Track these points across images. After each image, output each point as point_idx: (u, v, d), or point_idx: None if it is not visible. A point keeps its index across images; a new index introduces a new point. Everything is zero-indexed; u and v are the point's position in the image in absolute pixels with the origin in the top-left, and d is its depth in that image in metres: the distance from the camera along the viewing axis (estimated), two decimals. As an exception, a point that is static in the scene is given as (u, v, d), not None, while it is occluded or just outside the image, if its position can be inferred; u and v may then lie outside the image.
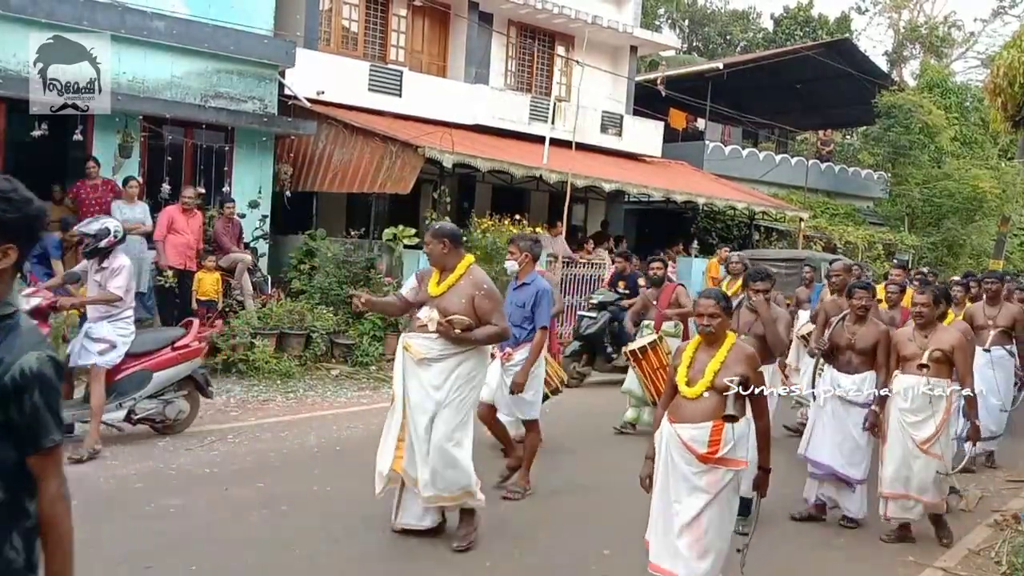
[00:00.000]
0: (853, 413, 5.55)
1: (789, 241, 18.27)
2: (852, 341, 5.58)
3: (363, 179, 11.47)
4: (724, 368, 3.80)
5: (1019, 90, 6.49)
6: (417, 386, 4.52)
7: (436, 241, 4.68)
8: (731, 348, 3.88)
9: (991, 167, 22.41)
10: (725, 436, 3.73)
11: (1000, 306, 7.57)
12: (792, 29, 33.99)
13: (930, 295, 5.28)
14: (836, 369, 5.68)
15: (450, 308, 4.49)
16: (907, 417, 5.23)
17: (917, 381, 5.19)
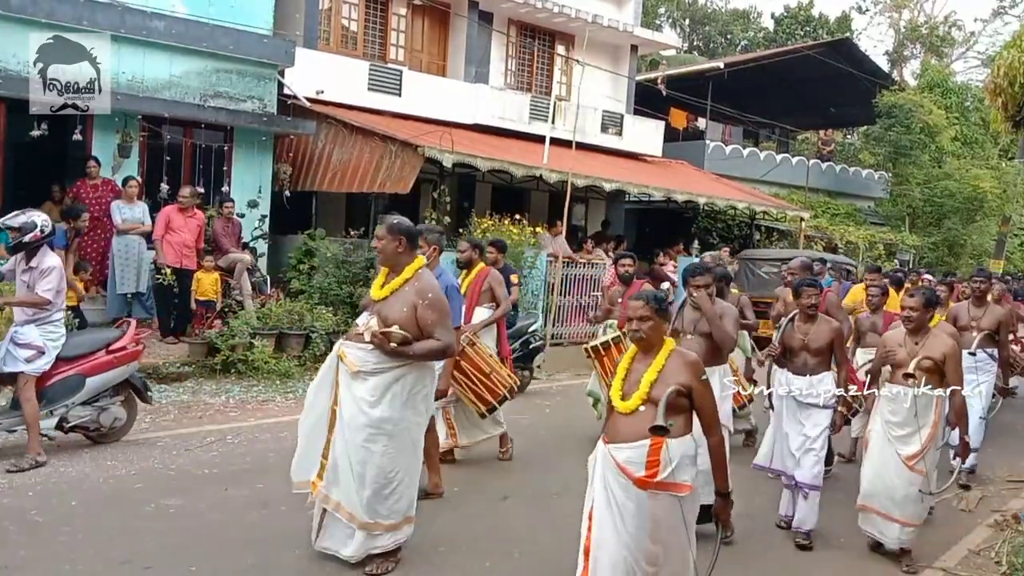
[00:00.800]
0: (814, 415, 5.24)
1: (790, 241, 18.27)
2: (805, 342, 5.32)
3: (363, 179, 11.47)
4: (662, 378, 3.39)
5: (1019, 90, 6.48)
6: (350, 401, 4.07)
7: (391, 238, 4.19)
8: (669, 355, 3.46)
9: (992, 167, 22.43)
10: (664, 456, 3.25)
11: (986, 307, 7.19)
12: (793, 28, 33.99)
13: (920, 298, 4.97)
14: (791, 372, 5.36)
15: (390, 316, 4.06)
16: (893, 430, 4.90)
17: (905, 391, 4.84)
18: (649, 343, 3.49)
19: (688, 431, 3.41)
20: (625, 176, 14.17)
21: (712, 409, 3.47)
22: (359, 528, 4.07)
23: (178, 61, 10.29)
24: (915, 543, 5.02)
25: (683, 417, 3.40)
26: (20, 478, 5.23)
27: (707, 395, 3.46)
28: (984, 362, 7.00)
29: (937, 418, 4.86)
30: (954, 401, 4.86)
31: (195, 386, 8.15)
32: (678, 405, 3.36)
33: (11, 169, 9.73)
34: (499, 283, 6.51)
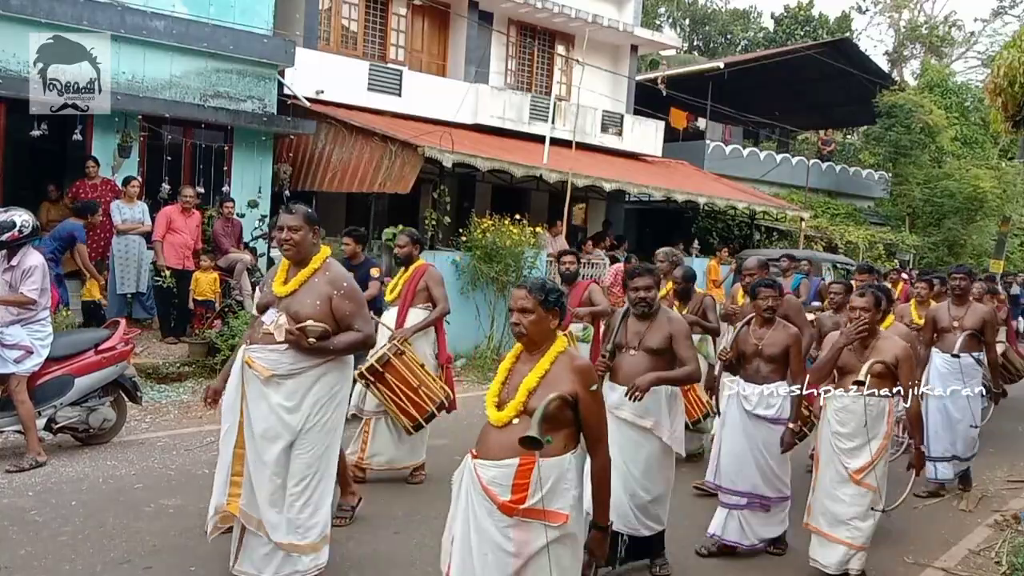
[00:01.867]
0: (763, 429, 4.85)
1: (790, 241, 18.27)
2: (759, 347, 4.90)
3: (363, 179, 11.47)
4: (544, 385, 2.87)
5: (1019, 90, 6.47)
6: (265, 410, 3.69)
7: (308, 227, 3.81)
8: (557, 358, 2.93)
9: (992, 167, 22.43)
10: (535, 479, 2.76)
11: (968, 306, 6.61)
12: (793, 28, 34.00)
13: (871, 297, 4.52)
14: (743, 379, 4.97)
15: (302, 311, 3.69)
16: (840, 442, 4.46)
17: (852, 399, 4.40)
18: (532, 341, 2.97)
19: (571, 449, 2.89)
20: (625, 176, 14.17)
21: (601, 426, 2.96)
22: (277, 547, 3.72)
23: (178, 61, 10.29)
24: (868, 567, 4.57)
25: (565, 432, 2.88)
26: (20, 478, 5.24)
27: (596, 408, 2.94)
28: (970, 366, 6.47)
29: (889, 428, 4.47)
30: (909, 408, 4.47)
31: (195, 386, 8.15)
32: (560, 418, 2.84)
33: (11, 169, 9.73)
34: (437, 282, 5.94)
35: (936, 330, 6.67)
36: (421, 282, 5.90)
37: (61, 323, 7.31)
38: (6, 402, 5.55)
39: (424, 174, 11.57)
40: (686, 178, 16.87)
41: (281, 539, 3.69)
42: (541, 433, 2.66)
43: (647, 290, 4.37)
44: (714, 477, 5.07)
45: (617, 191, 14.04)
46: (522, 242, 11.44)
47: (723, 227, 18.42)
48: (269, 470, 3.69)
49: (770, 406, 4.84)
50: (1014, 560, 5.01)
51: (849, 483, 4.42)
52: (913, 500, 6.10)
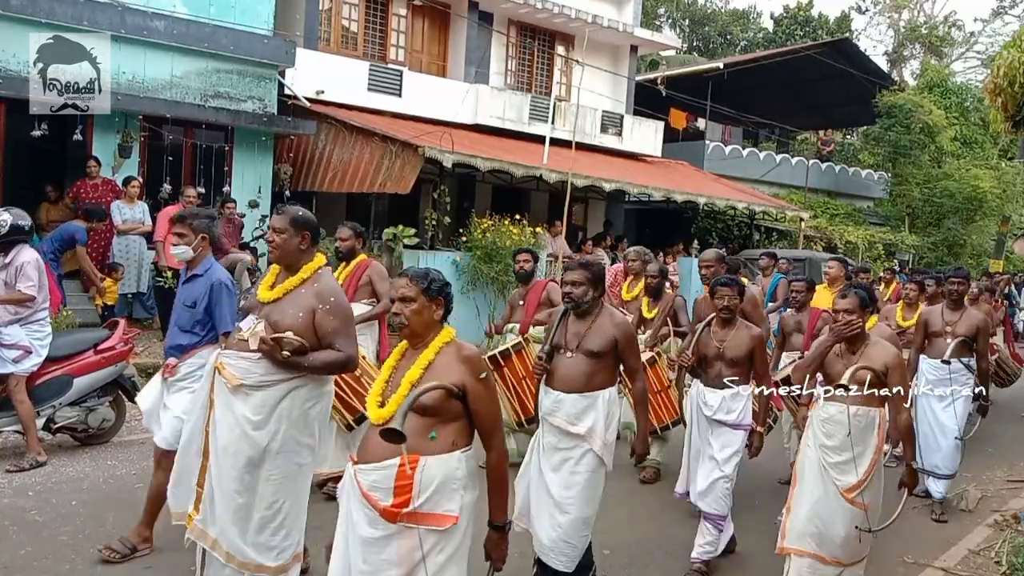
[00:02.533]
0: (724, 435, 4.58)
1: (789, 241, 18.28)
2: (720, 350, 4.62)
3: (363, 179, 11.47)
4: (429, 377, 2.70)
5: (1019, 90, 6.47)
6: (231, 421, 3.41)
7: (294, 231, 3.59)
8: (442, 348, 2.77)
9: (991, 167, 22.44)
10: (418, 479, 2.58)
11: (962, 311, 6.23)
12: (792, 29, 34.00)
13: (855, 299, 4.15)
14: (704, 384, 4.70)
15: (282, 322, 3.42)
16: (829, 456, 4.07)
17: (838, 409, 4.06)
18: (415, 333, 2.78)
19: (462, 446, 2.71)
20: (625, 176, 14.18)
21: (493, 417, 2.78)
22: (238, 568, 3.43)
23: (178, 61, 10.29)
24: None
25: (453, 427, 2.69)
26: (20, 478, 5.24)
27: (488, 398, 2.76)
28: (959, 373, 6.05)
29: (879, 441, 4.08)
30: (899, 420, 4.11)
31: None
32: (447, 411, 2.66)
33: (11, 169, 9.74)
34: (381, 277, 5.75)
35: (927, 334, 6.30)
36: (364, 276, 5.77)
37: (62, 323, 7.31)
38: (5, 402, 5.53)
39: (424, 174, 11.58)
40: (686, 178, 16.88)
41: (249, 560, 3.42)
42: (403, 424, 2.47)
43: (574, 285, 3.98)
44: (684, 485, 4.76)
45: (617, 191, 14.05)
46: (522, 242, 11.44)
47: (723, 227, 18.43)
48: (232, 487, 3.40)
49: (730, 411, 4.59)
50: (1014, 560, 5.01)
51: (841, 501, 4.03)
52: (912, 500, 6.11)
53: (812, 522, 4.07)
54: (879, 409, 4.09)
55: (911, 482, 4.17)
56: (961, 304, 6.27)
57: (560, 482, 3.91)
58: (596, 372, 3.97)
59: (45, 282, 5.52)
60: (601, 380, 3.98)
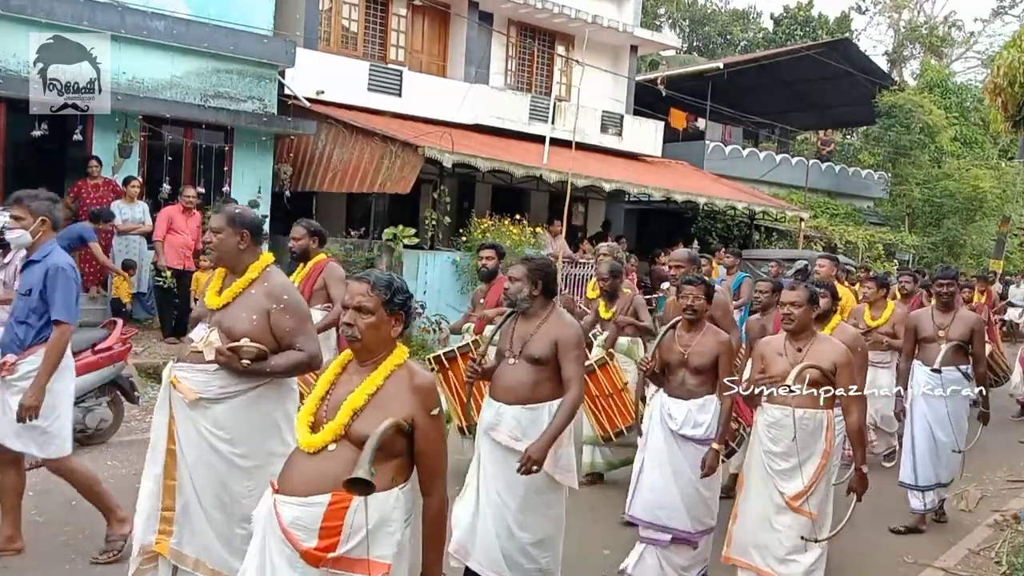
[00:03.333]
0: (689, 452, 4.14)
1: (789, 241, 18.28)
2: (685, 355, 4.20)
3: (363, 179, 11.47)
4: (375, 405, 2.35)
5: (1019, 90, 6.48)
6: (195, 435, 3.21)
7: (231, 231, 3.32)
8: (393, 372, 2.41)
9: (991, 167, 22.44)
10: (350, 521, 2.25)
11: (954, 313, 5.72)
12: (792, 29, 34.01)
13: (803, 292, 3.97)
14: (667, 393, 4.28)
15: (236, 327, 3.21)
16: (774, 462, 3.86)
17: (783, 413, 3.82)
18: (366, 349, 2.43)
19: (399, 483, 2.37)
20: (625, 176, 14.18)
21: (440, 459, 2.44)
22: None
23: (178, 61, 10.29)
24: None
25: (394, 463, 2.36)
26: (20, 478, 5.23)
27: (436, 437, 2.42)
28: (955, 382, 5.50)
29: (828, 446, 3.86)
30: (849, 422, 3.89)
31: (195, 386, 8.15)
32: (390, 445, 2.31)
33: (11, 169, 9.74)
34: (337, 280, 5.31)
35: (917, 339, 5.77)
36: (319, 280, 5.38)
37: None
38: None
39: (424, 174, 11.58)
40: (686, 178, 16.89)
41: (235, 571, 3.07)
42: (370, 471, 2.12)
43: (512, 281, 3.70)
44: (630, 507, 4.29)
45: (617, 191, 14.05)
46: (522, 242, 11.45)
47: (723, 227, 18.43)
48: (210, 502, 3.21)
49: (698, 425, 4.13)
50: (1014, 560, 5.01)
51: (786, 511, 3.81)
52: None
53: (755, 533, 3.88)
54: (827, 411, 3.86)
55: (860, 487, 3.89)
56: (952, 306, 5.77)
57: (513, 504, 3.60)
58: (541, 381, 3.64)
59: None
60: (548, 390, 3.64)
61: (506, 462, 3.62)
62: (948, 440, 5.62)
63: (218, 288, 3.39)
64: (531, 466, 3.48)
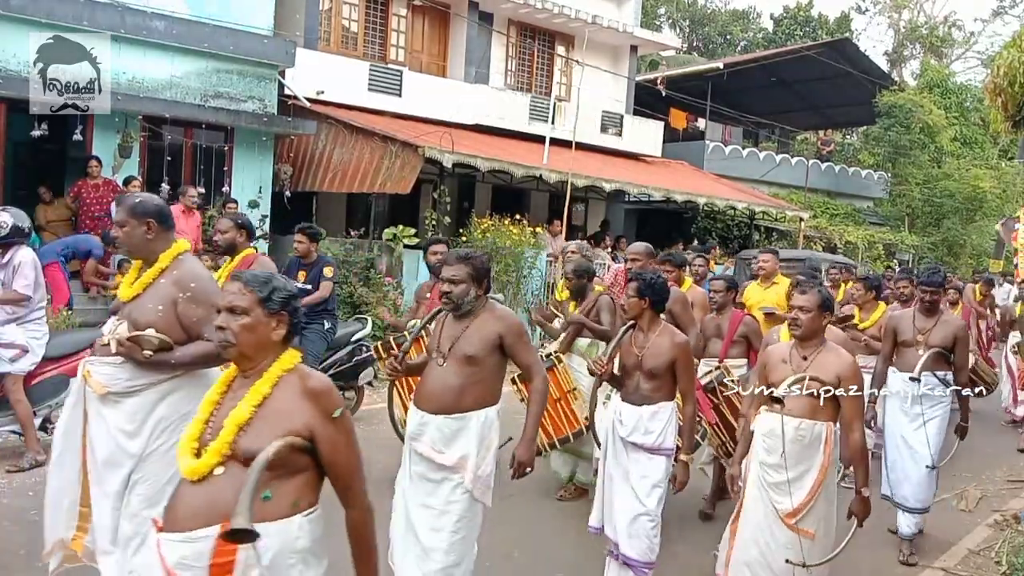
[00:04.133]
0: (641, 463, 3.86)
1: (789, 241, 18.28)
2: (640, 358, 3.90)
3: (363, 179, 11.48)
4: (263, 417, 2.09)
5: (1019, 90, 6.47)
6: (104, 433, 3.09)
7: (136, 222, 3.20)
8: (280, 379, 2.15)
9: (991, 167, 22.46)
10: (243, 556, 1.98)
11: (937, 317, 5.26)
12: (792, 29, 34.03)
13: (815, 296, 3.64)
14: (622, 398, 4.00)
15: (142, 319, 3.08)
16: (769, 474, 3.59)
17: (783, 421, 3.57)
18: (244, 355, 2.17)
19: (306, 506, 2.11)
20: (625, 176, 14.19)
21: (351, 467, 2.18)
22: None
23: (178, 61, 10.29)
24: None
25: (296, 482, 2.10)
26: (20, 478, 5.23)
27: (344, 442, 2.15)
28: (934, 390, 5.11)
29: (827, 460, 3.58)
30: (851, 439, 3.61)
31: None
32: (288, 463, 2.07)
33: (11, 169, 9.74)
34: None
35: (896, 343, 5.34)
36: None
37: (61, 323, 7.31)
38: (3, 402, 5.51)
39: (424, 174, 11.58)
40: (686, 178, 16.89)
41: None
42: (247, 513, 1.84)
43: (453, 283, 3.35)
44: (599, 520, 4.01)
45: (617, 191, 14.05)
46: (522, 242, 11.45)
47: (722, 227, 18.44)
48: (110, 503, 3.08)
49: (648, 432, 3.84)
50: (1014, 560, 5.01)
51: (782, 527, 3.54)
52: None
53: (749, 550, 3.60)
54: (827, 423, 3.57)
55: (861, 512, 3.62)
56: (936, 309, 5.31)
57: (426, 523, 3.30)
58: (470, 385, 3.34)
59: (42, 281, 5.50)
60: (477, 396, 3.35)
61: (426, 476, 3.36)
62: (923, 454, 5.07)
63: (131, 279, 3.28)
64: (523, 471, 3.40)
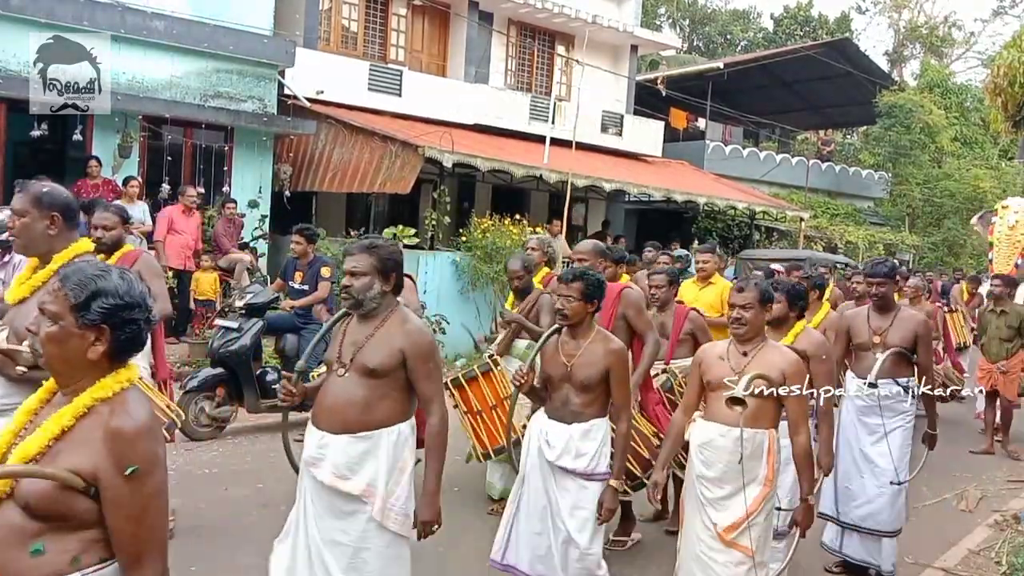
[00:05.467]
0: (572, 492, 3.38)
1: (790, 241, 18.28)
2: (569, 368, 3.40)
3: (363, 179, 11.48)
4: (55, 453, 1.72)
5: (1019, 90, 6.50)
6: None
7: (39, 213, 2.84)
8: (92, 408, 1.75)
9: (991, 167, 22.47)
10: None
11: (894, 313, 4.62)
12: (792, 29, 34.03)
13: (752, 292, 3.36)
14: (548, 415, 3.51)
15: (23, 328, 2.58)
16: (707, 489, 3.29)
17: (719, 432, 3.26)
18: (54, 371, 1.81)
19: (90, 563, 1.75)
20: (625, 176, 14.18)
21: (139, 543, 1.82)
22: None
23: (178, 61, 10.30)
24: None
25: (79, 537, 1.74)
26: (20, 478, 5.23)
27: (131, 510, 1.75)
28: (894, 399, 4.54)
29: (770, 472, 3.27)
30: (796, 443, 3.32)
31: (195, 386, 8.14)
32: (66, 510, 1.70)
33: (11, 169, 9.74)
34: (154, 275, 4.33)
35: (850, 345, 4.76)
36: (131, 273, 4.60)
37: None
38: None
39: (424, 174, 11.58)
40: (686, 178, 16.89)
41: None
42: (36, 547, 1.61)
43: (354, 276, 2.89)
44: (502, 555, 3.53)
45: (617, 191, 14.05)
46: (522, 242, 11.44)
47: (723, 227, 18.43)
48: None
49: (580, 455, 3.36)
50: (1014, 560, 5.01)
51: (720, 544, 3.24)
52: (914, 500, 6.11)
53: (689, 567, 3.32)
54: (769, 431, 3.30)
55: (806, 521, 3.37)
56: (891, 305, 4.68)
57: (340, 564, 2.85)
58: (375, 400, 2.86)
59: None
60: (385, 411, 2.87)
61: (331, 507, 2.88)
62: (886, 469, 4.52)
63: (22, 278, 2.93)
64: (429, 530, 2.95)
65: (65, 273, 1.79)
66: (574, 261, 4.74)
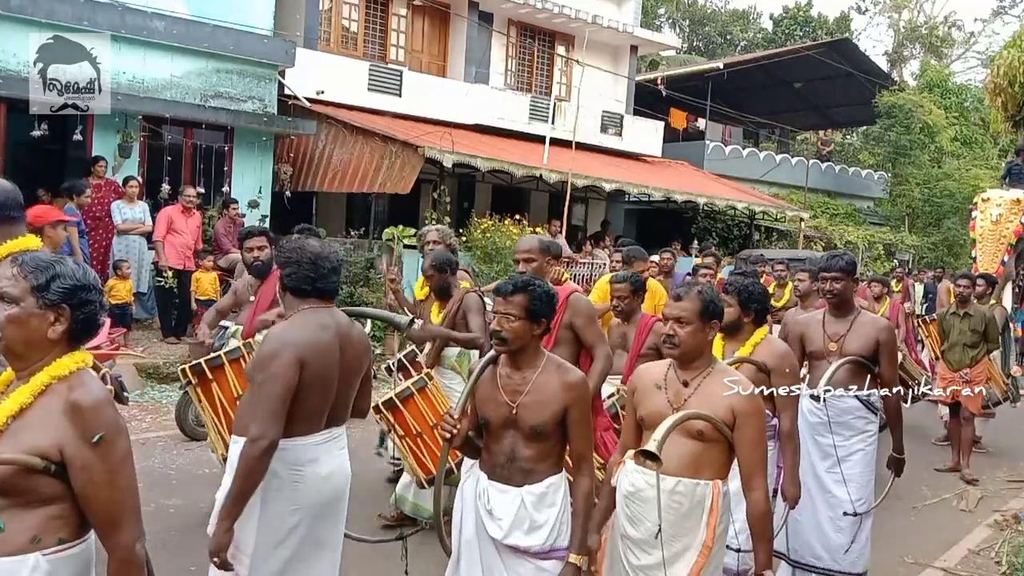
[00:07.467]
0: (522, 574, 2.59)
1: (789, 241, 18.28)
2: (513, 411, 2.58)
3: (363, 179, 11.48)
4: (14, 432, 1.76)
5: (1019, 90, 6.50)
6: None
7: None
8: (48, 387, 1.80)
9: (991, 167, 22.47)
10: None
11: (852, 317, 4.03)
12: (792, 29, 34.03)
13: (692, 303, 2.63)
14: (487, 474, 2.66)
15: None
16: (633, 554, 2.57)
17: (648, 482, 2.48)
18: (12, 353, 1.85)
19: (51, 543, 1.76)
20: (625, 176, 14.19)
21: (113, 506, 1.79)
22: None
23: (178, 61, 10.29)
24: None
25: (39, 514, 1.76)
26: None
27: (102, 474, 1.77)
28: (847, 415, 3.98)
29: (711, 533, 2.51)
30: (751, 500, 2.56)
31: (195, 386, 8.14)
32: (26, 488, 1.73)
33: (11, 169, 9.73)
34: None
35: (805, 353, 4.13)
36: None
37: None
38: None
39: (424, 174, 11.59)
40: (686, 178, 16.90)
41: None
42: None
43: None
44: None
45: (617, 191, 14.06)
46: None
47: (723, 227, 18.44)
48: None
49: (535, 527, 2.56)
50: (1014, 560, 5.01)
51: None
52: (912, 500, 6.11)
53: None
54: (713, 482, 2.54)
55: (762, 565, 2.58)
56: (850, 307, 4.09)
57: None
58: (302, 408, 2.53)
59: None
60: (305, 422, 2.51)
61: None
62: (841, 499, 3.92)
63: None
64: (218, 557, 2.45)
65: (21, 260, 1.86)
66: (519, 263, 3.96)
